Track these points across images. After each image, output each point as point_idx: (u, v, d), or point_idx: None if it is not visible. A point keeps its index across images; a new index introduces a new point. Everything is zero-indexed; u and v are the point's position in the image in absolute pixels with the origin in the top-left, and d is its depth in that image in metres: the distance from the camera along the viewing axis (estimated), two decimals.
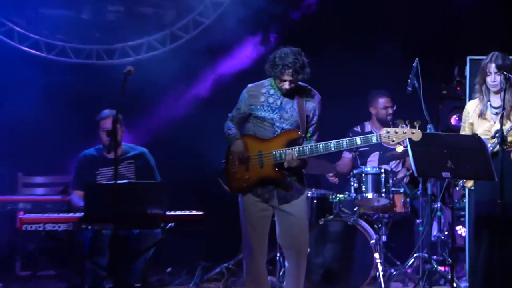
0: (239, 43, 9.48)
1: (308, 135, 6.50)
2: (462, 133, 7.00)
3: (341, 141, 6.29)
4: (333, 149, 6.30)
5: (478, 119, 6.86)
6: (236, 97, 6.68)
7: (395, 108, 8.81)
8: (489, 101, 6.84)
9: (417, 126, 6.22)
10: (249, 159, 6.44)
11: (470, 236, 6.84)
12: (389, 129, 6.25)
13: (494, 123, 6.75)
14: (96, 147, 7.67)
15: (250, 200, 6.51)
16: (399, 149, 6.48)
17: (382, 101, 8.87)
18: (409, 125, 6.22)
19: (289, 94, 6.44)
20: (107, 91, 8.17)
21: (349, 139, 6.32)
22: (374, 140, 6.34)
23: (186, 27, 9.68)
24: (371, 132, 8.62)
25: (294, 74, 6.29)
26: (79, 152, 7.77)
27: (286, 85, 6.36)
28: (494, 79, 6.75)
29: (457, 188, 7.39)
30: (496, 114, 6.77)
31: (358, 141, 6.29)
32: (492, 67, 6.73)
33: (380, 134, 6.28)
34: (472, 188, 7.02)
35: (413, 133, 6.22)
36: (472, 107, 6.95)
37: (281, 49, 6.40)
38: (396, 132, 6.22)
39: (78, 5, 9.63)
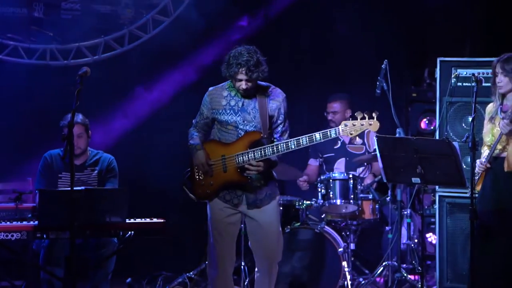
0: (200, 43, 9.18)
1: (277, 135, 6.36)
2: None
3: (300, 138, 6.17)
4: (293, 147, 6.18)
5: (488, 123, 6.69)
6: (200, 100, 6.52)
7: (348, 114, 8.57)
8: (501, 104, 6.67)
9: (375, 116, 6.11)
10: (211, 167, 6.31)
11: (472, 245, 6.55)
12: (347, 122, 6.15)
13: None
14: (62, 149, 7.35)
15: (217, 206, 6.38)
16: (358, 141, 6.35)
17: (328, 105, 8.70)
18: (367, 116, 6.10)
19: (250, 94, 6.31)
20: (62, 94, 7.88)
21: (308, 136, 6.18)
22: (333, 134, 6.18)
23: (145, 26, 9.41)
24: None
25: (248, 72, 6.15)
26: (32, 157, 7.51)
27: (243, 85, 6.22)
28: (499, 79, 6.60)
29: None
30: (503, 119, 6.59)
31: (317, 136, 6.16)
32: (498, 67, 6.59)
33: (338, 128, 6.16)
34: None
35: (370, 124, 6.12)
36: (488, 109, 6.79)
37: (236, 48, 6.27)
38: (354, 125, 6.13)
39: (30, 2, 9.26)
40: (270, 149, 6.17)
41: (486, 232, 6.50)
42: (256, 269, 6.52)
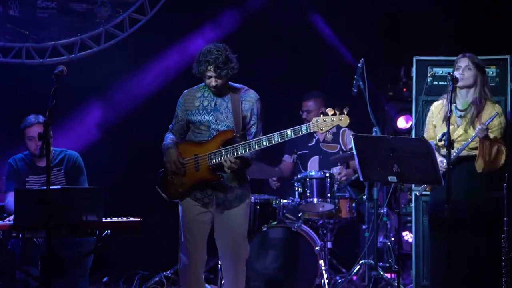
0: (177, 42, 9.14)
1: (250, 137, 6.31)
2: (425, 134, 6.96)
3: (272, 135, 6.11)
4: (265, 143, 6.12)
5: (442, 122, 6.77)
6: (177, 99, 6.52)
7: (321, 110, 8.61)
8: (455, 102, 6.75)
9: (346, 112, 6.06)
10: (184, 165, 6.28)
11: (429, 238, 6.70)
12: (318, 118, 6.10)
13: (458, 127, 6.66)
14: (25, 153, 7.36)
15: (188, 204, 6.34)
16: (328, 137, 6.33)
17: (303, 103, 8.75)
18: (338, 112, 6.06)
19: (222, 93, 6.32)
20: (38, 92, 7.83)
21: (279, 132, 6.12)
22: (304, 130, 6.12)
23: (121, 25, 9.40)
24: (310, 135, 8.51)
25: (216, 69, 6.15)
26: (6, 157, 7.47)
27: (212, 82, 6.21)
28: (462, 72, 6.71)
29: (418, 194, 7.23)
30: (461, 117, 6.66)
31: (289, 133, 6.10)
32: (466, 61, 6.73)
33: (309, 124, 6.10)
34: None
35: (340, 120, 6.06)
36: (437, 108, 6.92)
37: (205, 46, 6.27)
38: (324, 121, 6.07)
39: (6, 0, 9.22)
40: (242, 148, 6.14)
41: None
42: (223, 271, 6.50)
